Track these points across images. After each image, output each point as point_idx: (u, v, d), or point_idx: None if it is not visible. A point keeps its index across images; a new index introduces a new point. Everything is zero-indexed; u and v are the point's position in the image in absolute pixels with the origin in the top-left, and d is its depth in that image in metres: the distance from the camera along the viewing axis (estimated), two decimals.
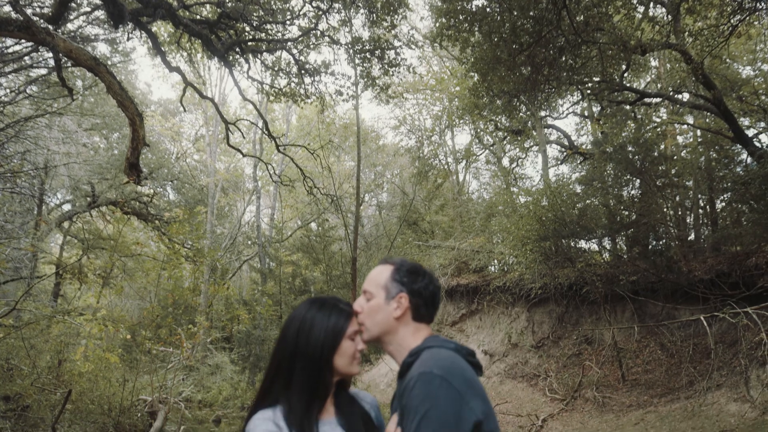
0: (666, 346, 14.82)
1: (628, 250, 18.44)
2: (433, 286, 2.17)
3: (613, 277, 16.31)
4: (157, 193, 28.10)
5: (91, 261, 25.61)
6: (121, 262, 24.65)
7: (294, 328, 2.02)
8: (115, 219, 25.52)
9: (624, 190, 18.32)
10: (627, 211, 17.92)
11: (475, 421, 1.80)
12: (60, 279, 24.14)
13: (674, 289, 15.17)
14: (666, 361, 14.46)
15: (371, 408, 2.24)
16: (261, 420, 1.89)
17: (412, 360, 1.99)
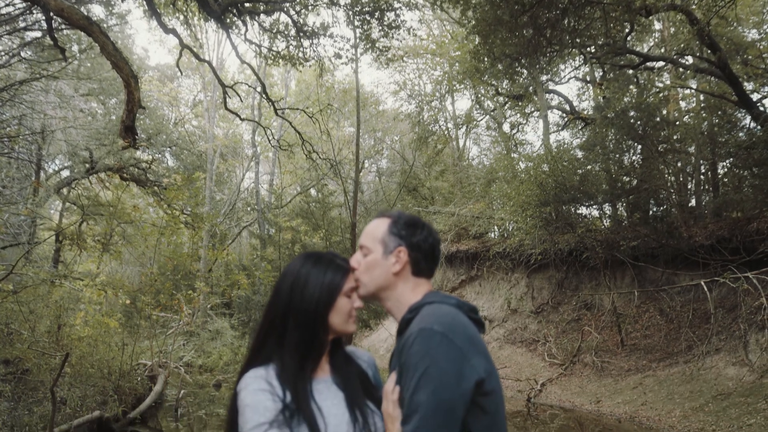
0: (665, 311, 14.84)
1: (629, 216, 18.38)
2: (432, 239, 2.08)
3: (614, 242, 16.27)
4: (155, 160, 27.97)
5: (90, 227, 25.58)
6: (120, 229, 24.62)
7: (288, 284, 1.94)
8: (113, 185, 25.46)
9: (625, 156, 18.19)
10: (628, 177, 17.81)
11: (477, 380, 1.72)
12: (59, 245, 24.14)
13: (674, 255, 15.14)
14: (665, 326, 14.49)
15: (368, 366, 2.16)
16: (253, 378, 1.82)
17: (412, 316, 1.91)
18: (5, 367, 9.06)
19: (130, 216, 20.00)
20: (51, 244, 25.04)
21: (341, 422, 1.82)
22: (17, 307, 10.11)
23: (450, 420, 1.67)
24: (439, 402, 1.66)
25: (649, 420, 10.73)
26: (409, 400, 1.70)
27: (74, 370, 9.74)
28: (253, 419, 1.73)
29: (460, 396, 1.68)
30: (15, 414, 8.09)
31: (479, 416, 1.75)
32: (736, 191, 16.07)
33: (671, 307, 14.73)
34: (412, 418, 1.69)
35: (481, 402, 1.75)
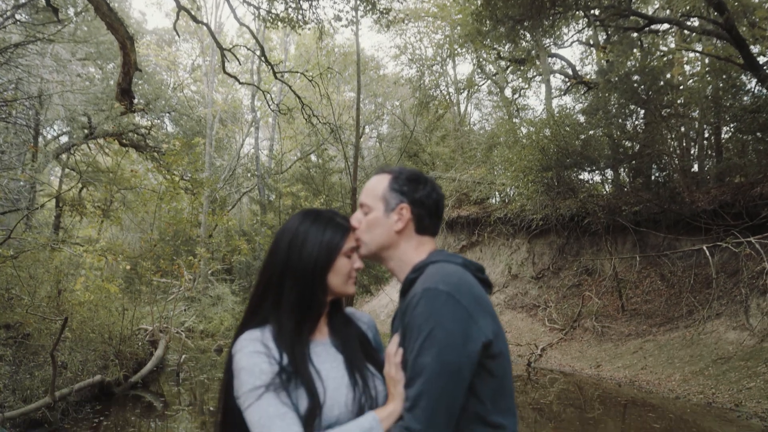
0: (666, 276, 14.83)
1: (631, 181, 18.27)
2: (436, 194, 1.97)
3: (616, 207, 16.19)
4: (154, 125, 27.77)
5: (90, 193, 25.51)
6: (120, 195, 24.55)
7: (285, 242, 1.85)
8: (113, 151, 25.34)
9: (628, 121, 18.01)
10: (630, 142, 17.66)
11: (484, 341, 1.64)
12: (60, 211, 24.10)
13: (676, 220, 15.07)
14: (665, 291, 14.48)
15: (368, 329, 2.08)
16: (248, 341, 1.74)
17: (416, 276, 1.82)
18: (6, 332, 9.06)
19: (130, 182, 19.94)
20: (51, 210, 25.03)
21: (340, 385, 1.75)
22: (17, 273, 10.07)
23: (456, 383, 1.60)
24: (445, 364, 1.58)
25: (648, 384, 10.77)
26: (413, 363, 1.63)
27: (75, 334, 9.75)
28: (249, 382, 1.66)
29: (467, 358, 1.61)
30: (16, 378, 8.10)
31: (486, 379, 1.68)
32: (739, 156, 15.94)
33: (672, 273, 14.71)
34: (416, 381, 1.62)
35: (489, 365, 1.67)
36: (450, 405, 1.60)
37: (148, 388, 10.74)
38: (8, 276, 10.02)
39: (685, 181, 15.95)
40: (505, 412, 1.73)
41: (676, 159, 16.80)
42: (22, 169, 18.63)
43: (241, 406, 1.67)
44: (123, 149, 24.68)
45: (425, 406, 1.59)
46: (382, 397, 1.80)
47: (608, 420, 9.06)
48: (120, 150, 24.71)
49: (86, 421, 8.08)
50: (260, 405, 1.62)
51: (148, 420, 8.94)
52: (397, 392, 1.71)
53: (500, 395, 1.71)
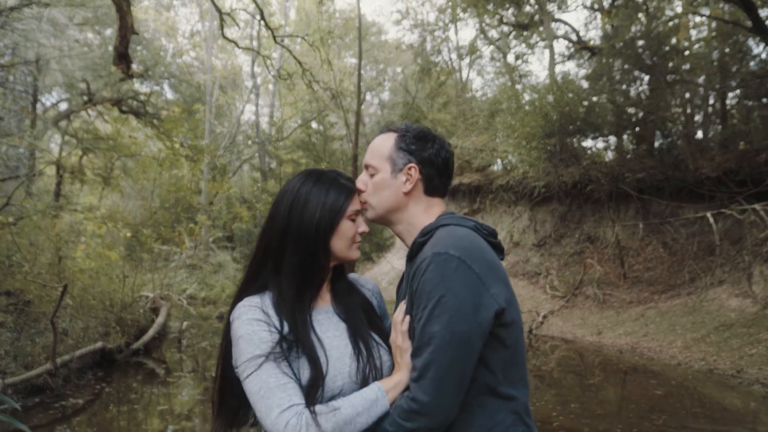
0: (668, 244, 14.77)
1: (635, 148, 18.13)
2: (445, 152, 1.87)
3: (619, 175, 16.06)
4: (154, 92, 27.54)
5: (90, 160, 25.41)
6: (120, 162, 24.46)
7: (286, 204, 1.75)
8: (112, 118, 25.18)
9: (632, 87, 17.82)
10: (634, 108, 17.48)
11: (497, 309, 1.57)
12: (60, 179, 24.02)
13: (680, 187, 14.95)
14: (668, 259, 14.44)
15: (372, 295, 2.01)
16: (247, 307, 1.67)
17: (425, 240, 1.73)
18: (7, 299, 9.04)
19: (130, 149, 19.80)
20: (52, 178, 24.97)
21: (343, 355, 1.68)
22: (18, 239, 10.03)
23: (466, 353, 1.52)
24: (455, 333, 1.50)
25: (650, 351, 10.78)
26: (421, 331, 1.56)
27: (76, 301, 9.73)
28: (248, 351, 1.58)
29: (478, 327, 1.53)
30: (18, 344, 8.09)
31: (498, 349, 1.60)
32: (744, 122, 15.77)
33: (675, 240, 14.65)
34: (423, 351, 1.54)
35: (501, 334, 1.60)
36: (459, 376, 1.53)
37: (151, 355, 10.76)
38: (8, 243, 9.97)
39: (690, 148, 15.78)
40: (517, 382, 1.65)
41: (680, 126, 16.62)
42: (21, 136, 18.50)
43: (240, 376, 1.61)
44: (122, 116, 24.55)
45: (433, 377, 1.51)
46: (387, 367, 1.73)
47: (609, 387, 9.07)
48: (120, 117, 24.58)
49: (88, 388, 8.10)
50: (260, 375, 1.55)
51: (150, 386, 8.96)
52: (404, 362, 1.64)
53: (512, 365, 1.64)
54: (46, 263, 10.35)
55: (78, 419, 6.96)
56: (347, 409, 1.53)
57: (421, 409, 1.52)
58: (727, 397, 8.01)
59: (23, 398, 7.01)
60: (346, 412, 1.53)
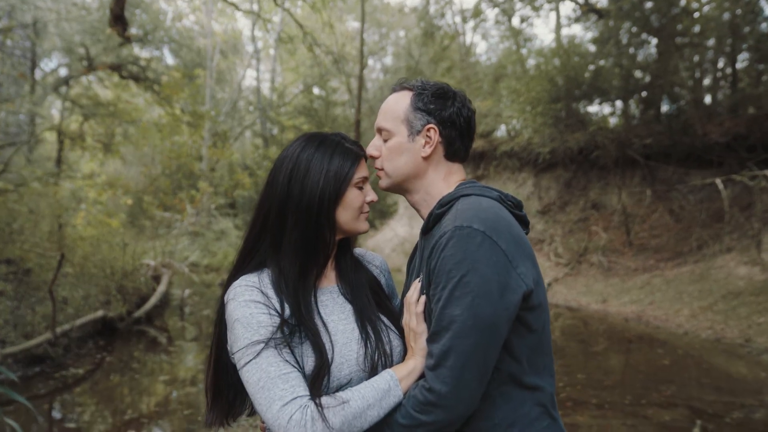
0: (675, 210, 14.60)
1: (642, 113, 17.87)
2: (467, 110, 1.67)
3: (626, 140, 15.83)
4: (154, 57, 27.17)
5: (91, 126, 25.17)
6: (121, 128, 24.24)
7: (285, 172, 1.57)
8: (112, 84, 24.90)
9: (640, 50, 17.52)
10: (642, 72, 17.20)
11: (525, 291, 1.40)
12: (61, 145, 23.82)
13: (688, 153, 14.74)
14: (674, 226, 14.28)
15: (381, 272, 1.84)
16: (244, 287, 1.50)
17: (443, 211, 1.56)
18: (7, 267, 8.93)
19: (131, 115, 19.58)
20: (54, 144, 24.80)
21: (350, 340, 1.52)
22: (14, 207, 9.88)
23: (490, 339, 1.36)
24: (478, 317, 1.34)
25: (656, 319, 10.67)
26: (440, 314, 1.39)
27: (76, 270, 9.62)
28: (245, 337, 1.42)
29: (504, 310, 1.36)
30: (18, 313, 8.00)
31: (524, 335, 1.44)
32: (755, 86, 15.47)
33: (682, 207, 14.47)
34: (442, 336, 1.38)
35: (527, 318, 1.43)
36: (482, 364, 1.37)
37: (153, 323, 10.70)
38: (9, 211, 9.81)
39: (698, 113, 15.52)
40: (542, 371, 1.50)
41: (688, 90, 16.33)
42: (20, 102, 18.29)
43: (237, 364, 1.45)
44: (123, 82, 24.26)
45: (453, 365, 1.35)
46: (397, 353, 1.58)
47: (615, 356, 8.99)
48: (120, 82, 24.29)
49: (89, 357, 8.02)
50: (259, 363, 1.39)
51: (153, 354, 8.91)
52: (418, 347, 1.49)
53: (538, 352, 1.48)
54: (47, 231, 10.22)
55: (79, 389, 6.89)
56: (357, 402, 1.38)
57: (438, 400, 1.36)
58: (736, 367, 7.92)
59: (23, 368, 6.93)
60: (356, 404, 1.38)
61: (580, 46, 18.74)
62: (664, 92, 16.70)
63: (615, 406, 6.00)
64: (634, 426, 5.41)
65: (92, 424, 5.72)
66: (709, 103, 17.12)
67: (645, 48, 17.54)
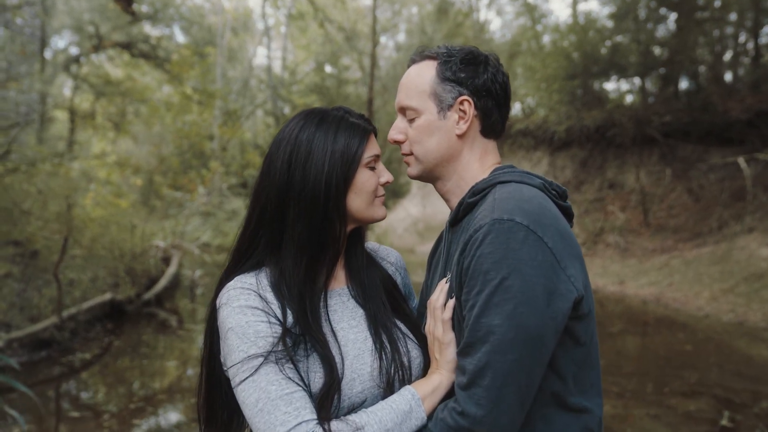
0: (694, 190, 14.26)
1: (660, 90, 17.50)
2: (502, 76, 1.43)
3: (644, 118, 15.48)
4: (164, 36, 26.98)
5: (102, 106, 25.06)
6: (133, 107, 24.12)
7: (283, 156, 1.34)
8: (123, 62, 24.80)
9: (658, 26, 17.13)
10: (660, 48, 16.81)
11: (575, 297, 1.17)
12: (72, 125, 23.75)
13: (708, 131, 14.40)
14: (693, 206, 13.97)
15: (397, 270, 1.60)
16: (239, 290, 1.28)
17: (477, 200, 1.33)
18: (14, 248, 8.80)
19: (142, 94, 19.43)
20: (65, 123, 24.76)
21: (363, 351, 1.31)
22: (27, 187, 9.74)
23: (535, 354, 1.13)
24: (521, 328, 1.11)
25: (675, 302, 10.42)
26: (475, 323, 1.15)
27: (85, 252, 9.48)
28: (241, 349, 1.20)
29: (551, 320, 1.13)
30: (25, 296, 7.87)
31: (570, 348, 1.22)
32: None
33: (701, 186, 14.14)
34: (477, 349, 1.15)
35: (575, 328, 1.20)
36: (524, 384, 1.14)
37: (162, 305, 10.55)
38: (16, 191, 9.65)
39: (718, 90, 15.15)
40: (589, 390, 1.27)
41: (708, 66, 15.94)
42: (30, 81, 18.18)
43: (231, 381, 1.23)
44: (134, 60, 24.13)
45: (490, 385, 1.13)
46: (416, 365, 1.36)
47: (635, 340, 8.77)
48: (131, 61, 24.17)
49: (96, 341, 7.88)
50: (257, 381, 1.17)
51: (163, 336, 8.78)
52: (444, 360, 1.27)
53: (585, 368, 1.26)
54: (55, 212, 10.07)
55: (86, 373, 6.76)
56: (373, 427, 1.17)
57: (472, 426, 1.14)
58: (759, 351, 7.67)
59: (29, 352, 6.79)
60: (373, 430, 1.16)
61: (597, 22, 18.35)
62: (683, 68, 16.34)
63: (637, 395, 5.79)
64: (658, 416, 5.19)
65: (99, 409, 5.58)
66: (730, 80, 16.74)
67: (664, 23, 17.19)
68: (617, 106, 16.65)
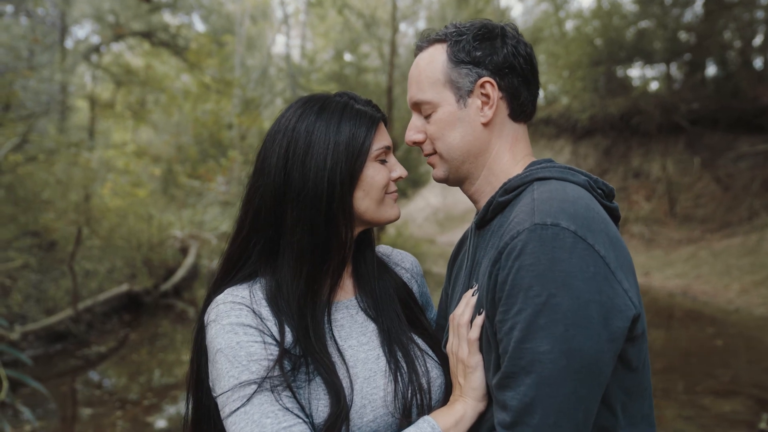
0: (722, 179, 13.90)
1: (686, 77, 17.12)
2: (524, 47, 1.22)
3: (671, 105, 15.12)
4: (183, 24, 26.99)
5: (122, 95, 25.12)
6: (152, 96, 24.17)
7: (278, 152, 1.15)
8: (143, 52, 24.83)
9: (685, 11, 16.76)
10: (687, 34, 16.45)
11: (634, 315, 0.97)
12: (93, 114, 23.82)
13: (737, 118, 14.02)
14: (721, 195, 13.61)
15: (412, 277, 1.41)
16: (229, 305, 1.10)
17: (509, 199, 1.13)
18: (32, 239, 8.75)
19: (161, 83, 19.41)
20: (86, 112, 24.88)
21: (375, 373, 1.13)
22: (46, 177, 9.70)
23: (591, 385, 0.94)
24: (575, 354, 0.92)
25: (704, 294, 10.13)
26: (517, 349, 0.95)
27: (103, 242, 9.42)
28: (231, 375, 1.03)
29: (609, 343, 0.94)
30: (42, 287, 7.80)
31: (619, 374, 1.01)
32: None
33: (730, 175, 13.78)
34: (521, 381, 0.95)
35: (627, 351, 1.00)
36: (582, 421, 0.95)
37: (180, 296, 10.47)
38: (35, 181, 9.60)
39: (748, 75, 14.75)
40: (639, 423, 1.08)
41: (737, 51, 15.55)
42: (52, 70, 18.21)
43: (221, 411, 1.05)
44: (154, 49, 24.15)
45: (541, 424, 0.93)
46: (436, 387, 1.17)
47: (663, 335, 8.50)
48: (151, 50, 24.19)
49: (112, 334, 7.80)
50: (249, 413, 1.00)
51: (181, 327, 8.69)
52: (470, 386, 1.08)
53: (636, 397, 1.06)
54: (73, 202, 10.02)
55: (101, 367, 6.68)
56: None
57: None
58: None
59: (45, 344, 6.71)
60: None
61: (622, 7, 17.99)
62: (711, 54, 15.95)
63: (667, 394, 5.56)
64: (691, 418, 4.97)
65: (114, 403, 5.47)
66: (760, 66, 16.33)
67: (690, 7, 16.81)
68: (642, 93, 16.32)
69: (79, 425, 5.14)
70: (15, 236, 8.04)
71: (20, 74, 10.76)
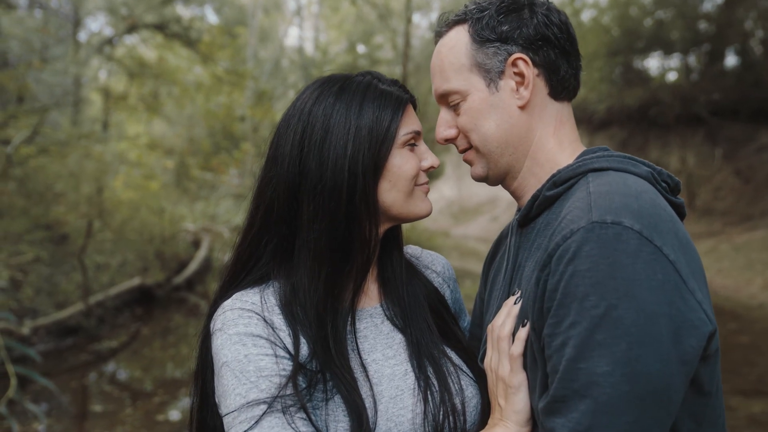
0: (743, 171, 13.66)
1: (705, 67, 16.89)
2: (557, 15, 1.06)
3: (689, 96, 14.90)
4: (196, 16, 26.99)
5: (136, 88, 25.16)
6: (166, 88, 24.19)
7: (293, 139, 1.01)
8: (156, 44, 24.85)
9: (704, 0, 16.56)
10: (706, 23, 16.23)
11: (710, 332, 0.82)
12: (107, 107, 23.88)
13: (758, 109, 13.78)
14: (743, 188, 13.37)
15: (444, 281, 1.26)
16: (237, 313, 0.96)
17: (559, 192, 0.99)
18: (44, 232, 8.69)
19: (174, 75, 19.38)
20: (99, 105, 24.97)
21: (402, 391, 0.99)
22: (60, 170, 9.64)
23: (659, 413, 0.79)
24: (640, 376, 0.77)
25: (725, 289, 9.93)
26: (569, 368, 0.80)
27: (114, 235, 9.35)
28: (238, 392, 0.89)
29: (681, 365, 0.79)
30: (53, 281, 7.74)
31: (690, 401, 0.86)
32: None
33: (751, 167, 13.53)
34: (575, 406, 0.80)
35: (698, 372, 0.85)
36: None
37: (193, 289, 10.40)
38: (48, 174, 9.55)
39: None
40: None
41: (759, 41, 15.32)
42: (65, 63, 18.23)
43: (226, 429, 0.92)
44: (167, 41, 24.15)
45: None
46: (471, 407, 1.03)
47: None
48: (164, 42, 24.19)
49: (124, 328, 7.73)
50: None
51: (195, 321, 8.61)
52: (511, 410, 0.93)
53: (706, 426, 0.90)
54: (85, 194, 9.96)
55: (112, 361, 6.60)
56: None
57: None
58: None
59: (56, 340, 6.64)
60: None
61: None
62: (731, 44, 15.72)
63: None
64: None
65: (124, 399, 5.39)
66: None
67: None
68: (660, 84, 16.12)
69: (90, 421, 5.05)
70: (26, 229, 7.97)
71: (33, 66, 10.68)
